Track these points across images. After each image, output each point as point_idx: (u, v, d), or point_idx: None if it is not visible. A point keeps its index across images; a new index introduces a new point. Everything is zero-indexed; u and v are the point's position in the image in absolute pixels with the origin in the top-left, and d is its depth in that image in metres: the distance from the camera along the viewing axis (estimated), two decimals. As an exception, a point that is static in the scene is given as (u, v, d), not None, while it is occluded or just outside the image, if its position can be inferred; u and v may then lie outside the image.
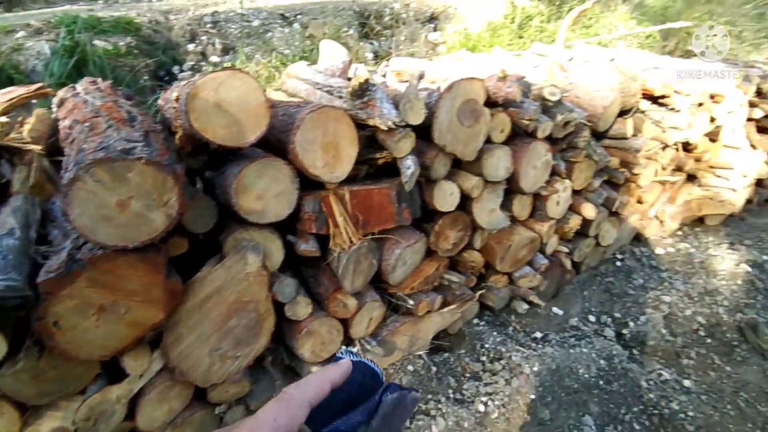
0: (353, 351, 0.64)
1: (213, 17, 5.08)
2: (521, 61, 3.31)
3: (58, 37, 3.69)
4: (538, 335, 2.80)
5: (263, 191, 1.72)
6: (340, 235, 1.92)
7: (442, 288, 2.53)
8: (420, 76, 2.08)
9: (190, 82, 1.79)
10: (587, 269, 3.45)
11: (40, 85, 2.02)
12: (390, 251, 2.13)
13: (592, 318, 3.03)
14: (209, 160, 1.86)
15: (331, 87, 2.02)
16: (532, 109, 2.27)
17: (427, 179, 2.18)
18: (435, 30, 5.67)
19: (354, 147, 1.85)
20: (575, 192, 2.88)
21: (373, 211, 2.00)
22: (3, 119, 1.86)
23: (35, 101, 2.07)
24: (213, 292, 1.77)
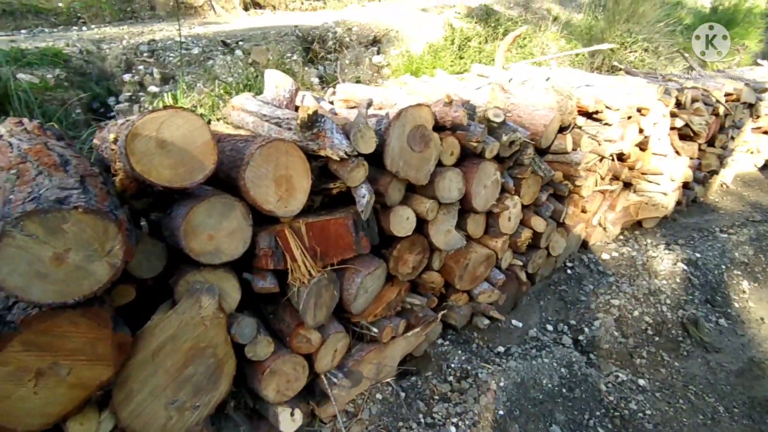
0: None
1: (149, 46, 4.91)
2: (464, 83, 3.43)
3: (-24, 72, 3.42)
4: (501, 349, 2.84)
5: (214, 231, 1.66)
6: (298, 269, 1.87)
7: (404, 312, 2.53)
8: (368, 104, 2.10)
9: (128, 121, 1.70)
10: (541, 279, 3.56)
11: (-43, 129, 1.85)
12: (351, 281, 2.10)
13: (550, 327, 3.13)
14: (154, 200, 1.77)
15: (279, 119, 1.99)
16: (478, 132, 2.34)
17: (383, 205, 2.19)
18: (378, 53, 5.77)
19: (307, 179, 1.82)
20: (524, 207, 2.99)
21: (330, 242, 1.97)
22: None
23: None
24: (166, 340, 1.66)
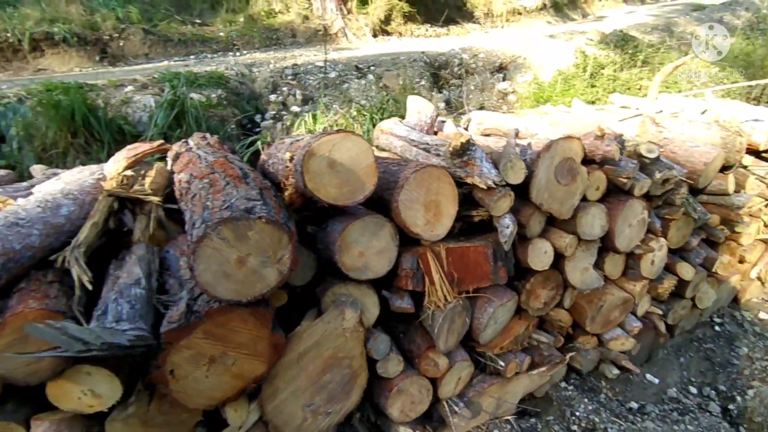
0: None
1: (293, 69, 5.43)
2: (605, 114, 3.24)
3: (162, 91, 4.07)
4: (634, 405, 2.58)
5: (365, 248, 1.75)
6: (435, 292, 1.89)
7: (530, 348, 2.42)
8: (516, 134, 2.08)
9: (298, 141, 1.88)
10: (682, 333, 3.18)
11: (161, 142, 2.20)
12: (482, 310, 2.07)
13: (694, 389, 2.76)
14: (314, 215, 1.92)
15: (427, 144, 2.05)
16: (630, 168, 2.19)
17: (521, 237, 2.13)
18: (504, 80, 5.72)
19: (454, 205, 1.85)
20: (671, 251, 2.71)
21: (468, 269, 1.97)
22: (128, 172, 2.03)
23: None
24: (311, 346, 1.78)
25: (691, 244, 2.78)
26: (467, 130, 2.97)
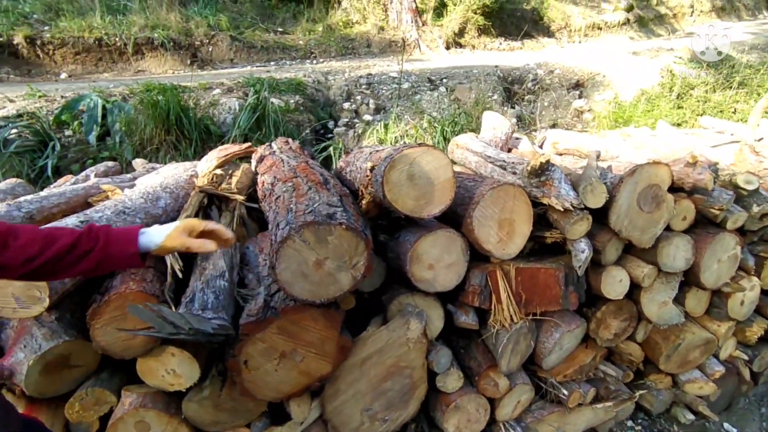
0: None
1: (367, 79, 5.58)
2: (695, 138, 3.04)
3: (245, 95, 4.33)
4: (709, 456, 2.38)
5: (435, 261, 1.77)
6: (501, 311, 1.87)
7: (595, 380, 2.31)
8: (597, 156, 2.01)
9: (378, 152, 1.94)
10: (767, 381, 2.90)
11: (248, 144, 2.36)
12: (548, 334, 2.01)
13: (779, 446, 2.51)
14: (388, 224, 1.97)
15: (504, 162, 2.04)
16: (724, 199, 2.05)
17: (595, 263, 2.06)
18: (580, 97, 5.53)
19: (528, 225, 1.83)
20: (764, 292, 2.49)
21: (537, 291, 1.93)
22: (218, 171, 2.19)
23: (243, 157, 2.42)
24: (374, 352, 1.82)
25: (787, 286, 2.53)
26: (541, 148, 2.91)
